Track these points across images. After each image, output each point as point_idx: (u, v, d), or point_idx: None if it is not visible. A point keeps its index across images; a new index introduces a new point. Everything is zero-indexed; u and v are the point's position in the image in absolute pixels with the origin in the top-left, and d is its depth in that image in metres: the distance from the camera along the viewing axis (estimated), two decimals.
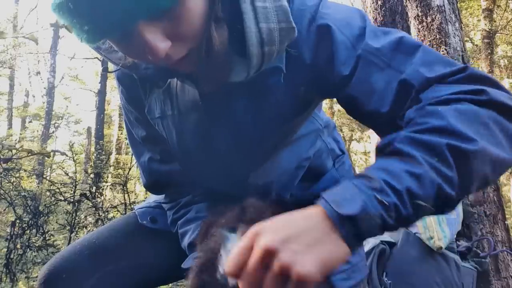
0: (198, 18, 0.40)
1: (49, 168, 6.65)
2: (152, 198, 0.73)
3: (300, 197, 0.53)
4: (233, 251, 0.34)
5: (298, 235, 0.33)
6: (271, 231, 0.34)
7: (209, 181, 0.62)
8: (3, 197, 2.48)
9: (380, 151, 0.40)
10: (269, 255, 0.32)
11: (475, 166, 0.36)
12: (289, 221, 0.35)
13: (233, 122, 0.53)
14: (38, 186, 3.77)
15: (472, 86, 0.41)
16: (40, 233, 2.45)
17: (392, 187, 0.34)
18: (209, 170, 0.60)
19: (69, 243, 2.31)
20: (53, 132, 9.71)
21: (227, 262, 0.34)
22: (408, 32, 2.12)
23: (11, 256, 2.20)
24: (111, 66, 0.57)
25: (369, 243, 1.10)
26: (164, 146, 0.62)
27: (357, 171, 8.83)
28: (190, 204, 0.62)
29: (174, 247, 0.62)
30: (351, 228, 0.34)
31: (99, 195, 2.76)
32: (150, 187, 0.66)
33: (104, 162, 3.48)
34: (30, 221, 2.43)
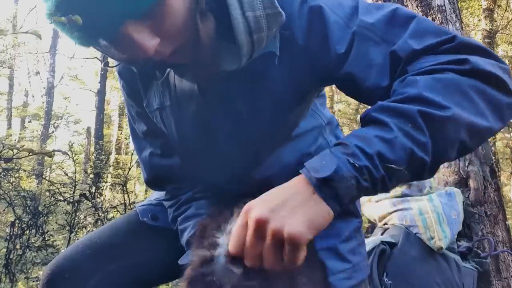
0: (181, 13, 0.41)
1: (48, 168, 6.64)
2: (154, 196, 0.73)
3: None
4: (232, 231, 0.36)
5: (284, 202, 0.36)
6: (259, 204, 0.37)
7: (209, 175, 0.61)
8: (2, 197, 2.47)
9: (361, 121, 0.42)
10: (261, 225, 0.35)
11: (449, 132, 0.37)
12: (275, 193, 0.38)
13: (232, 111, 0.53)
14: (38, 186, 3.77)
15: (457, 56, 0.41)
16: (39, 234, 2.44)
17: (364, 151, 0.37)
18: (209, 163, 0.59)
19: (68, 244, 2.31)
20: (52, 132, 9.71)
21: (229, 243, 0.36)
22: None
23: (11, 257, 2.19)
24: (112, 62, 0.58)
25: (369, 244, 1.10)
26: (164, 140, 0.62)
27: None
28: (191, 201, 0.62)
29: (175, 245, 0.62)
30: (328, 190, 0.37)
31: (98, 195, 2.76)
32: (151, 182, 0.66)
33: (104, 162, 3.48)
34: (29, 222, 2.42)
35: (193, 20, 0.42)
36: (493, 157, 1.87)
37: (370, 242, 1.10)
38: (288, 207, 0.36)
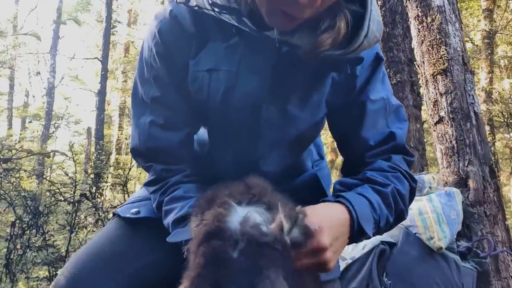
0: None
1: (49, 169, 6.65)
2: (131, 199, 0.70)
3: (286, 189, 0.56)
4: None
5: (337, 238, 0.50)
6: (327, 232, 0.47)
7: (224, 154, 0.63)
8: (3, 197, 2.48)
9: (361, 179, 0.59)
10: (320, 250, 0.46)
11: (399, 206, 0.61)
12: (335, 225, 0.50)
13: (291, 98, 0.58)
14: (38, 187, 3.77)
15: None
16: (40, 234, 2.44)
17: (377, 214, 0.55)
18: (234, 141, 0.61)
19: (69, 244, 2.31)
20: (53, 132, 9.71)
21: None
22: (408, 32, 2.12)
23: (11, 257, 2.20)
24: (111, 66, 0.58)
25: (369, 243, 1.10)
26: (176, 112, 0.60)
27: None
28: (179, 183, 0.60)
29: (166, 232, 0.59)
30: (362, 237, 0.54)
31: (99, 196, 2.76)
32: (141, 152, 0.62)
33: (104, 162, 3.48)
34: (30, 222, 2.43)
35: (340, 4, 0.49)
36: (493, 157, 1.87)
37: (370, 242, 1.11)
38: (339, 244, 0.51)
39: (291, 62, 0.55)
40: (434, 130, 1.73)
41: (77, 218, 2.48)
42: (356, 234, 0.52)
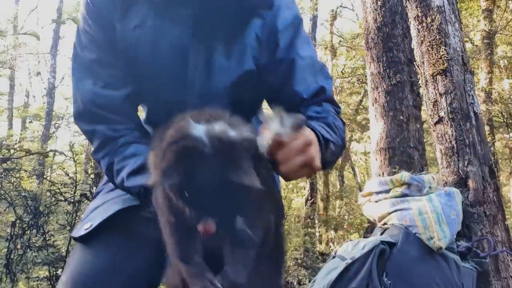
0: None
1: (49, 169, 6.65)
2: (82, 219, 0.65)
3: None
4: (278, 132, 0.43)
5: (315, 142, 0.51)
6: (312, 133, 0.50)
7: (156, 114, 0.64)
8: (3, 197, 2.48)
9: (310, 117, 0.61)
10: (308, 143, 0.47)
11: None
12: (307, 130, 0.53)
13: (214, 43, 0.59)
14: (39, 187, 3.77)
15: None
16: (40, 234, 2.45)
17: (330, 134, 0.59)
18: (164, 94, 0.62)
19: (69, 244, 2.31)
20: (53, 132, 9.71)
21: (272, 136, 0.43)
22: (408, 32, 2.13)
23: (11, 256, 2.20)
24: None
25: (369, 243, 1.10)
26: (115, 71, 0.61)
27: (357, 171, 8.83)
28: (129, 143, 0.60)
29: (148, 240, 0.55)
30: (327, 150, 0.56)
31: None
32: (82, 115, 0.61)
33: None
34: (30, 221, 2.43)
35: None
36: (492, 158, 1.87)
37: (370, 242, 1.11)
38: (317, 148, 0.50)
39: (211, 11, 0.58)
40: (433, 130, 1.73)
41: (77, 218, 2.48)
42: (323, 146, 0.53)
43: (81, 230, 0.61)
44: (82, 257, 0.59)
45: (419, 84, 2.09)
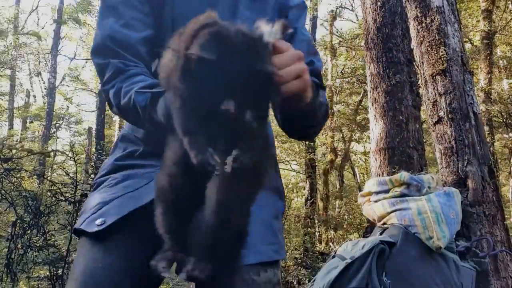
0: None
1: (50, 169, 6.65)
2: (89, 210, 0.64)
3: None
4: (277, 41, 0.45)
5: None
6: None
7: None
8: (4, 197, 2.48)
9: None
10: (300, 59, 0.49)
11: None
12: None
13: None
14: (39, 186, 3.78)
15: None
16: (41, 233, 2.45)
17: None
18: None
19: (69, 243, 2.31)
20: (54, 132, 9.72)
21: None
22: (408, 32, 2.13)
23: (12, 256, 2.20)
24: None
25: (368, 243, 1.11)
26: (138, 14, 0.65)
27: (357, 171, 8.83)
28: (140, 74, 0.61)
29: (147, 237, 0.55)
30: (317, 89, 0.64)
31: None
32: (99, 49, 0.64)
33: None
34: (31, 221, 2.43)
35: None
36: (492, 158, 1.87)
37: (369, 241, 1.11)
38: (309, 77, 0.53)
39: None
40: (433, 130, 1.73)
41: (77, 218, 2.48)
42: (314, 88, 0.57)
43: (91, 225, 0.60)
44: (93, 254, 0.60)
45: (418, 84, 2.10)
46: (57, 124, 10.67)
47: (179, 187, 0.47)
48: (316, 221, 5.85)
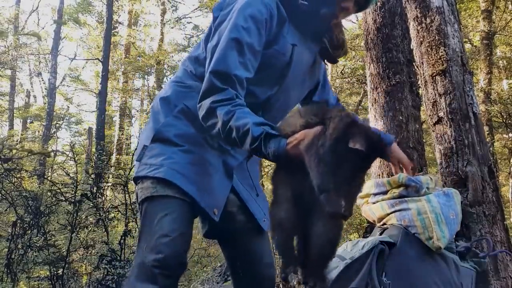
0: None
1: (50, 169, 6.65)
2: (146, 158, 0.87)
3: None
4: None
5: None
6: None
7: (271, 105, 0.93)
8: (4, 197, 2.49)
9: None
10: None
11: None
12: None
13: (309, 70, 0.98)
14: (39, 187, 3.78)
15: None
16: (41, 233, 2.45)
17: None
18: (289, 89, 0.93)
19: (70, 243, 2.32)
20: (54, 132, 9.73)
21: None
22: (407, 33, 2.13)
23: (12, 256, 2.21)
24: (111, 67, 0.68)
25: (368, 243, 1.11)
26: (253, 59, 0.85)
27: None
28: (243, 105, 0.81)
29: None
30: None
31: (100, 196, 2.77)
32: (224, 76, 0.81)
33: (105, 162, 3.49)
34: (31, 221, 2.44)
35: None
36: (491, 158, 1.87)
37: (369, 242, 1.11)
38: None
39: (319, 49, 0.98)
40: (433, 131, 1.73)
41: (78, 218, 2.49)
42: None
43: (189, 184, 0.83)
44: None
45: (418, 84, 2.10)
46: (57, 124, 10.68)
47: (292, 220, 0.71)
48: None
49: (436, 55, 1.74)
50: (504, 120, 5.42)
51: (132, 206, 2.71)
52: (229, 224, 0.89)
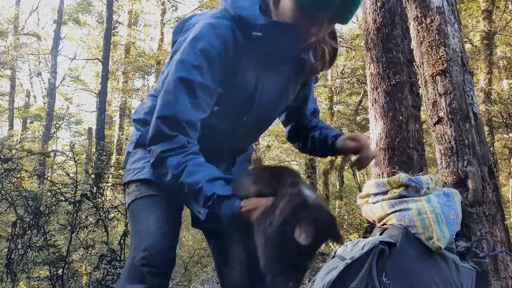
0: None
1: (50, 169, 6.65)
2: (136, 163, 0.87)
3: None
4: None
5: None
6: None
7: (235, 134, 0.88)
8: (4, 197, 2.49)
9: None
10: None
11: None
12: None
13: (286, 84, 0.90)
14: (39, 187, 3.78)
15: None
16: (41, 234, 2.45)
17: None
18: (252, 121, 0.88)
19: (70, 243, 2.31)
20: (54, 132, 9.72)
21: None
22: (408, 33, 2.13)
23: (12, 256, 2.21)
24: (111, 67, 0.67)
25: (368, 243, 1.11)
26: (209, 98, 0.78)
27: (357, 172, 8.82)
28: (197, 154, 0.76)
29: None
30: None
31: (100, 196, 2.77)
32: (170, 121, 0.75)
33: (105, 162, 3.49)
34: (31, 222, 2.44)
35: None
36: (491, 158, 1.87)
37: (369, 242, 1.11)
38: None
39: (295, 70, 0.89)
40: (433, 131, 1.73)
41: (78, 218, 2.48)
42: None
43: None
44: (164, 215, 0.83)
45: (418, 84, 2.10)
46: (57, 125, 10.68)
47: (246, 285, 0.77)
48: None
49: (436, 55, 1.74)
50: (504, 120, 5.42)
51: None
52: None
